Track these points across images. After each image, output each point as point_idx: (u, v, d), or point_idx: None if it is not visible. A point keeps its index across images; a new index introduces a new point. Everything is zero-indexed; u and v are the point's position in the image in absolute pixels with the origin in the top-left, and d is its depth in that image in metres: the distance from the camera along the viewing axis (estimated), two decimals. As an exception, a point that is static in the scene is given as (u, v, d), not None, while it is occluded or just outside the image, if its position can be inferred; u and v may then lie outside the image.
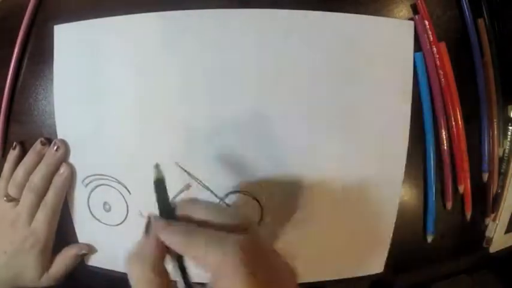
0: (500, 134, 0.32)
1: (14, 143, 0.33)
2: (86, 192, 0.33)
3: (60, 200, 0.32)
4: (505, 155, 0.33)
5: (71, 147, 0.32)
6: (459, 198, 0.32)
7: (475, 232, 0.35)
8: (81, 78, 0.32)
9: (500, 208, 0.34)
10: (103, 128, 0.31)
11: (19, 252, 0.31)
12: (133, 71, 0.31)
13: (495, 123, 0.32)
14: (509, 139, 0.33)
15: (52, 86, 0.32)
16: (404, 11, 0.31)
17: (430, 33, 0.30)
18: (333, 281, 0.33)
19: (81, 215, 0.33)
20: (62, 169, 0.32)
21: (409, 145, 0.30)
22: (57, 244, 0.33)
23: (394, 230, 0.32)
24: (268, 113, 0.30)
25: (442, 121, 0.31)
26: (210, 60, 0.30)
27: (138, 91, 0.31)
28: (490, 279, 0.39)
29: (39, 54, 0.33)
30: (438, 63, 0.30)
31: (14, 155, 0.33)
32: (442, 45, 0.30)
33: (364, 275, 0.33)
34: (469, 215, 0.33)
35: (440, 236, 0.33)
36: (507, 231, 0.35)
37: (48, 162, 0.32)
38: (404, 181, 0.31)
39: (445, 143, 0.31)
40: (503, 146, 0.33)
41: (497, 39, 0.32)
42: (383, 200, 0.31)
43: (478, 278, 0.38)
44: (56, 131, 0.32)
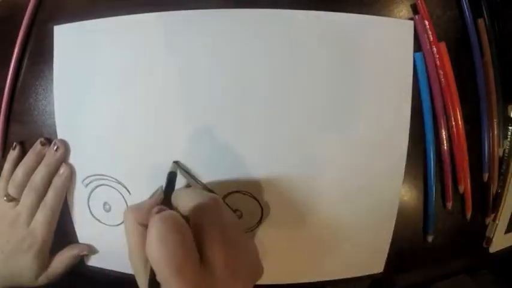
0: (500, 134, 0.32)
1: (14, 143, 0.33)
2: (86, 192, 0.33)
3: (60, 200, 0.32)
4: (505, 155, 0.33)
5: (71, 147, 0.32)
6: (459, 198, 0.32)
7: (475, 232, 0.35)
8: (81, 78, 0.32)
9: (500, 208, 0.34)
10: (103, 128, 0.31)
11: (16, 252, 0.30)
12: (133, 71, 0.31)
13: (495, 123, 0.32)
14: (509, 139, 0.33)
15: (52, 86, 0.32)
16: (404, 11, 0.31)
17: (430, 33, 0.30)
18: (333, 281, 0.33)
19: (81, 215, 0.33)
20: (61, 169, 0.32)
21: (409, 145, 0.30)
22: (57, 244, 0.33)
23: (394, 230, 0.32)
24: (268, 112, 0.30)
25: (442, 121, 0.31)
26: (210, 60, 0.30)
27: (138, 91, 0.31)
28: (490, 279, 0.39)
29: (39, 54, 0.33)
30: (438, 63, 0.30)
31: (14, 155, 0.33)
32: (442, 45, 0.30)
33: (364, 275, 0.33)
34: (469, 215, 0.33)
35: (441, 236, 0.33)
36: (507, 231, 0.35)
37: (48, 163, 0.32)
38: (404, 181, 0.31)
39: (445, 143, 0.31)
40: (503, 146, 0.33)
41: (497, 39, 0.32)
42: (383, 200, 0.31)
43: (478, 278, 0.38)
44: (56, 131, 0.32)
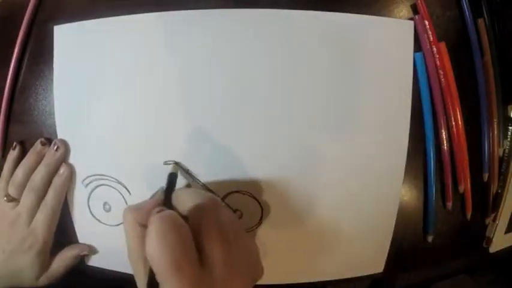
0: (500, 134, 0.32)
1: (14, 143, 0.33)
2: (86, 192, 0.33)
3: (60, 201, 0.32)
4: (505, 155, 0.33)
5: (71, 147, 0.32)
6: (459, 198, 0.32)
7: (475, 232, 0.35)
8: (81, 78, 0.32)
9: (500, 208, 0.34)
10: (103, 128, 0.31)
11: (17, 252, 0.30)
12: (133, 71, 0.31)
13: (495, 123, 0.32)
14: (509, 139, 0.33)
15: (52, 86, 0.32)
16: (404, 11, 0.31)
17: (430, 33, 0.30)
18: (333, 281, 0.33)
19: (81, 215, 0.33)
20: (61, 169, 0.32)
21: (409, 145, 0.30)
22: (57, 244, 0.32)
23: (394, 230, 0.32)
24: (268, 112, 0.30)
25: (442, 121, 0.31)
26: (210, 60, 0.30)
27: (138, 91, 0.31)
28: (490, 279, 0.39)
29: (39, 54, 0.33)
30: (438, 63, 0.30)
31: (14, 155, 0.33)
32: (442, 45, 0.30)
33: (364, 275, 0.33)
34: (469, 215, 0.33)
35: (441, 236, 0.33)
36: (507, 231, 0.35)
37: (48, 163, 0.32)
38: (404, 181, 0.31)
39: (445, 143, 0.31)
40: (503, 146, 0.33)
41: (497, 39, 0.32)
42: (383, 200, 0.31)
43: (478, 278, 0.38)
44: (56, 131, 0.32)
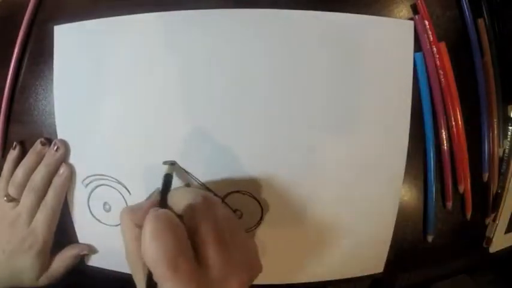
0: (500, 134, 0.32)
1: (14, 143, 0.33)
2: (86, 192, 0.33)
3: (60, 201, 0.32)
4: (505, 155, 0.33)
5: (71, 147, 0.32)
6: (459, 198, 0.32)
7: (475, 232, 0.35)
8: (81, 78, 0.32)
9: (500, 208, 0.34)
10: (103, 128, 0.31)
11: (17, 252, 0.30)
12: (133, 71, 0.31)
13: (495, 123, 0.32)
14: (509, 139, 0.33)
15: (52, 86, 0.32)
16: (404, 11, 0.31)
17: (430, 33, 0.30)
18: (333, 281, 0.33)
19: (81, 215, 0.33)
20: (61, 169, 0.32)
21: (409, 145, 0.30)
22: (57, 244, 0.32)
23: (394, 230, 0.32)
24: (268, 112, 0.30)
25: (442, 121, 0.31)
26: (210, 60, 0.30)
27: (138, 91, 0.31)
28: (490, 279, 0.39)
29: (39, 54, 0.33)
30: (438, 63, 0.30)
31: (14, 155, 0.33)
32: (442, 45, 0.30)
33: (364, 275, 0.33)
34: (469, 215, 0.33)
35: (440, 236, 0.33)
36: (507, 231, 0.35)
37: (48, 163, 0.32)
38: (404, 181, 0.31)
39: (445, 143, 0.31)
40: (503, 146, 0.33)
41: (497, 39, 0.32)
42: (383, 200, 0.31)
43: (478, 278, 0.38)
44: (56, 131, 0.32)
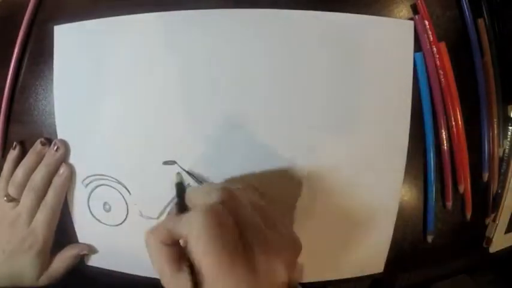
0: (500, 134, 0.32)
1: (14, 142, 0.33)
2: (86, 192, 0.33)
3: (60, 200, 0.32)
4: (505, 155, 0.33)
5: (71, 147, 0.32)
6: (459, 198, 0.32)
7: (475, 232, 0.35)
8: (81, 78, 0.32)
9: (500, 208, 0.34)
10: (103, 128, 0.31)
11: (17, 252, 0.30)
12: (133, 71, 0.31)
13: (495, 123, 0.32)
14: (509, 139, 0.33)
15: (52, 86, 0.32)
16: (404, 11, 0.31)
17: (430, 33, 0.30)
18: (333, 281, 0.33)
19: (81, 215, 0.33)
20: (61, 169, 0.32)
21: (409, 145, 0.30)
22: (57, 244, 0.32)
23: (394, 230, 0.32)
24: (268, 112, 0.30)
25: (442, 121, 0.31)
26: (210, 60, 0.30)
27: (138, 91, 0.31)
28: (490, 279, 0.39)
29: (39, 54, 0.33)
30: (438, 63, 0.30)
31: (14, 155, 0.33)
32: (442, 45, 0.30)
33: (364, 275, 0.33)
34: (469, 215, 0.33)
35: (440, 236, 0.33)
36: (507, 231, 0.35)
37: (48, 163, 0.32)
38: (404, 181, 0.31)
39: (445, 143, 0.31)
40: (503, 146, 0.33)
41: (497, 39, 0.32)
42: (383, 200, 0.31)
43: (478, 278, 0.38)
44: (56, 131, 0.32)
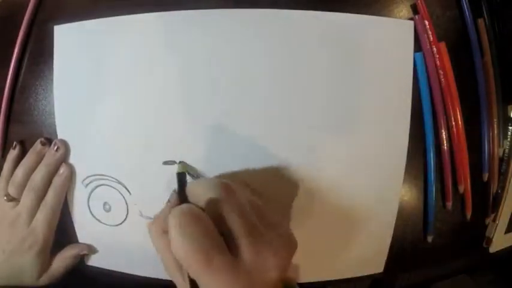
0: (500, 134, 0.32)
1: (14, 142, 0.33)
2: (86, 192, 0.33)
3: (60, 200, 0.32)
4: (505, 155, 0.33)
5: (71, 147, 0.32)
6: (459, 198, 0.32)
7: (475, 232, 0.35)
8: (81, 78, 0.32)
9: (500, 208, 0.34)
10: (103, 128, 0.31)
11: (17, 252, 0.30)
12: (133, 71, 0.31)
13: (495, 123, 0.32)
14: (509, 139, 0.33)
15: (52, 86, 0.32)
16: (404, 11, 0.31)
17: (430, 33, 0.30)
18: (333, 281, 0.33)
19: (81, 215, 0.33)
20: (61, 169, 0.32)
21: (409, 145, 0.30)
22: (57, 244, 0.32)
23: (394, 230, 0.32)
24: (268, 112, 0.30)
25: (442, 121, 0.31)
26: (210, 60, 0.30)
27: (138, 91, 0.31)
28: (490, 279, 0.39)
29: (39, 54, 0.33)
30: (438, 63, 0.30)
31: (14, 154, 0.33)
32: (442, 45, 0.30)
33: (364, 275, 0.33)
34: (469, 215, 0.33)
35: (441, 236, 0.33)
36: (507, 231, 0.35)
37: (48, 163, 0.32)
38: (404, 181, 0.31)
39: (445, 143, 0.31)
40: (503, 146, 0.33)
41: (497, 39, 0.32)
42: (383, 200, 0.31)
43: (478, 278, 0.38)
44: (56, 131, 0.32)
